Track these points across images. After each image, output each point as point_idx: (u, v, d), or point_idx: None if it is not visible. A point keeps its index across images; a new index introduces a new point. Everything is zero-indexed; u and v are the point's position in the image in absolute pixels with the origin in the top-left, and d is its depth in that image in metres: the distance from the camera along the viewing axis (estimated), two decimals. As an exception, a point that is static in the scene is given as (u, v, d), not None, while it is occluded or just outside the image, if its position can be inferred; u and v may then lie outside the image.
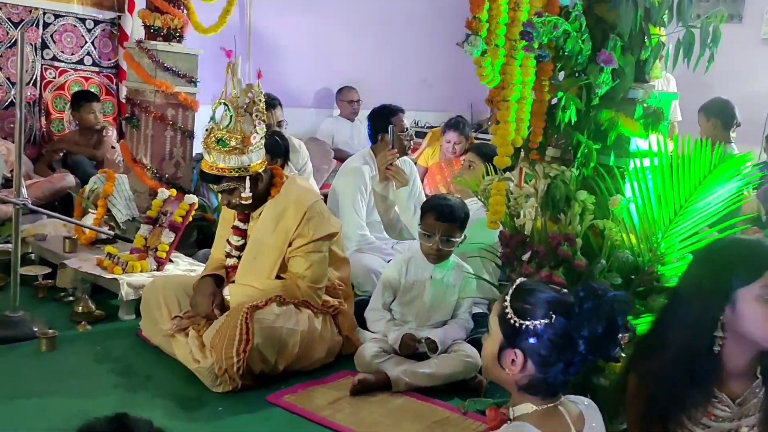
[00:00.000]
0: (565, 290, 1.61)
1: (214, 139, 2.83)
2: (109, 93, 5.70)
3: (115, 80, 5.71)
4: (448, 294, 3.08)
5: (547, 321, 1.54)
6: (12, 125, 5.30)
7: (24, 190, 3.03)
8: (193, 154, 4.56)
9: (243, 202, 2.90)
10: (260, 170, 2.91)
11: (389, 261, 4.07)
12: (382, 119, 4.12)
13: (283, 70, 6.74)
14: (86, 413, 2.36)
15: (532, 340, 1.55)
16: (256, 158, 2.90)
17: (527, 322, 1.55)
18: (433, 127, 7.14)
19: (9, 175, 5.02)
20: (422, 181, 5.78)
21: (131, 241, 3.21)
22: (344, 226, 4.19)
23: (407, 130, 4.16)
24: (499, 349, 1.60)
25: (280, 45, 6.73)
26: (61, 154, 5.41)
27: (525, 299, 1.58)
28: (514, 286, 1.63)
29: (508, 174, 2.52)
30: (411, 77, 7.64)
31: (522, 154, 2.52)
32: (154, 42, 4.26)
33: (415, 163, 5.89)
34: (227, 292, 2.95)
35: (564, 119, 2.38)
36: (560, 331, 1.53)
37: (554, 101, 2.46)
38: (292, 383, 2.84)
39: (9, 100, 5.27)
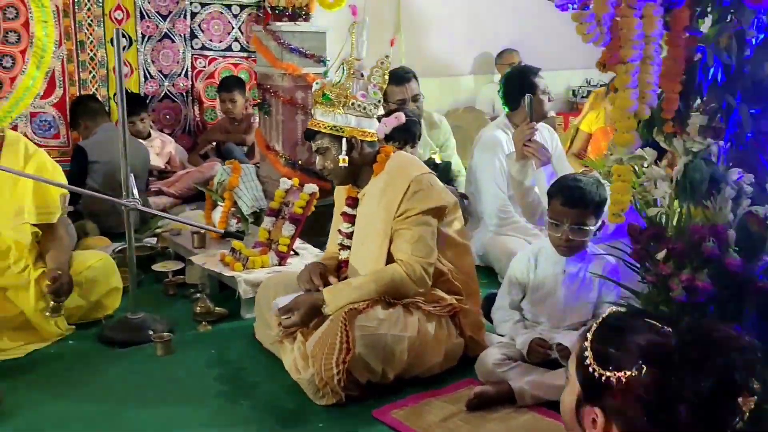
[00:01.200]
0: (669, 329, 1.18)
1: (320, 93, 2.67)
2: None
3: (263, 64, 5.69)
4: (585, 291, 2.62)
5: (634, 373, 1.12)
6: (168, 117, 5.45)
7: (134, 191, 2.96)
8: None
9: (339, 167, 2.66)
10: (359, 137, 2.65)
11: (534, 244, 3.68)
12: (517, 84, 3.69)
13: (436, 37, 6.43)
14: (183, 424, 2.31)
15: (616, 398, 1.14)
16: (356, 123, 2.66)
17: (609, 373, 1.14)
18: (603, 85, 6.50)
19: (165, 167, 5.16)
20: (585, 149, 5.24)
21: (241, 238, 3.08)
22: (483, 203, 3.85)
23: (547, 91, 3.71)
24: (578, 403, 1.21)
25: (433, 11, 6.39)
26: (214, 144, 5.49)
27: (610, 341, 1.18)
28: (599, 322, 1.22)
29: (638, 152, 2.03)
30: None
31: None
32: (279, 23, 4.10)
33: (577, 130, 5.36)
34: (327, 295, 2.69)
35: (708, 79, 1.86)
36: (652, 388, 1.11)
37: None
38: (405, 394, 2.55)
39: (163, 93, 5.40)
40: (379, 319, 2.51)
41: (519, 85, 3.67)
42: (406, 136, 3.46)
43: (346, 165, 2.65)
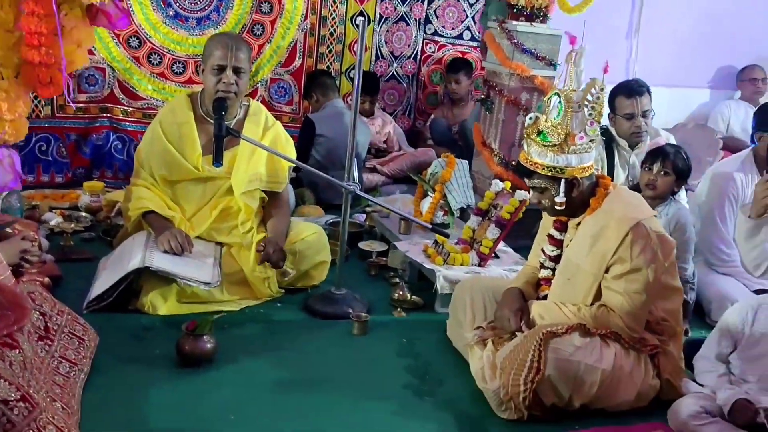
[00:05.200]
0: None
1: (536, 129, 2.58)
2: (484, 69, 5.70)
3: (491, 55, 5.69)
4: (806, 358, 2.41)
5: None
6: (392, 97, 5.63)
7: (355, 174, 3.10)
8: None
9: (556, 207, 2.60)
10: (579, 175, 2.57)
11: (755, 292, 3.41)
12: (763, 118, 3.39)
13: (674, 45, 6.08)
14: (364, 414, 2.43)
15: None
16: (576, 161, 2.55)
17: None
18: None
19: (383, 146, 5.36)
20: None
21: (447, 235, 3.13)
22: (702, 235, 3.60)
23: None
24: None
25: (673, 17, 6.03)
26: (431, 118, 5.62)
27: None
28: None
29: None
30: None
31: None
32: (516, 22, 4.07)
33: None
34: (534, 310, 2.69)
35: None
36: None
37: None
38: (588, 424, 2.51)
39: (390, 74, 5.57)
40: (575, 345, 2.46)
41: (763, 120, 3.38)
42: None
43: (563, 207, 2.59)
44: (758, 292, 3.36)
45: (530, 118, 2.63)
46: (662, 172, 3.25)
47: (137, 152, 3.34)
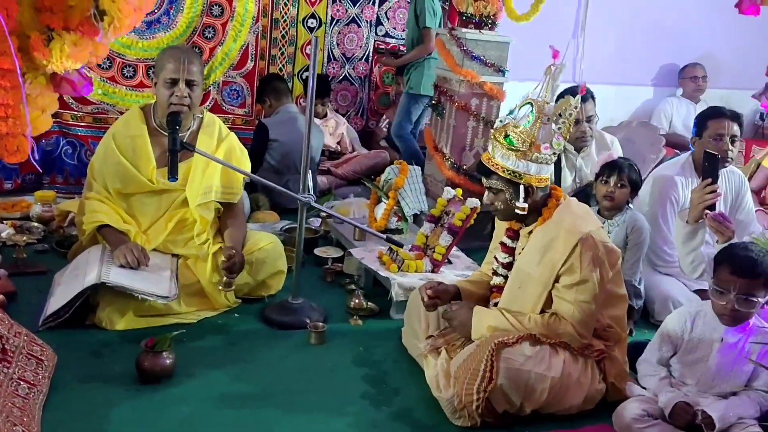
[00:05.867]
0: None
1: (503, 133, 2.66)
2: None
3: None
4: (741, 362, 2.55)
5: None
6: (344, 98, 5.68)
7: (310, 183, 3.15)
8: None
9: (517, 211, 2.69)
10: (536, 184, 2.67)
11: (695, 291, 3.57)
12: (701, 126, 3.54)
13: (618, 44, 6.23)
14: (322, 425, 2.49)
15: None
16: (536, 170, 2.65)
17: None
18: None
19: (335, 147, 5.40)
20: (765, 188, 4.96)
21: (401, 245, 3.21)
22: (645, 240, 3.74)
23: (736, 138, 3.51)
24: None
25: (618, 16, 6.18)
26: (385, 129, 5.67)
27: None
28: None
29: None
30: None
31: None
32: (465, 30, 4.15)
33: (759, 165, 5.08)
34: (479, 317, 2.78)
35: None
36: None
37: None
38: (538, 428, 2.62)
39: (342, 75, 5.62)
40: (525, 355, 2.56)
41: (701, 128, 3.52)
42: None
43: (525, 212, 2.67)
44: (697, 292, 3.53)
45: (500, 121, 2.71)
46: (619, 185, 3.40)
47: (90, 165, 3.33)
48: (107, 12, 1.45)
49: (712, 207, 3.03)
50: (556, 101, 3.96)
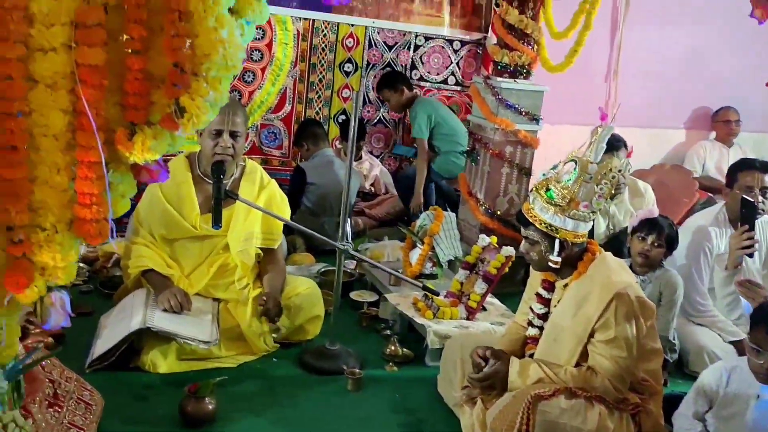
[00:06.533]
0: None
1: (545, 186, 2.71)
2: (469, 112, 5.87)
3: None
4: (777, 419, 2.56)
5: None
6: (378, 141, 5.78)
7: (348, 230, 3.23)
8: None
9: (550, 264, 2.74)
10: (571, 239, 2.71)
11: (730, 343, 3.58)
12: (732, 178, 3.56)
13: (651, 87, 6.27)
14: None
15: None
16: (572, 226, 2.69)
17: None
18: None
19: (370, 189, 5.49)
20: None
21: (437, 294, 3.27)
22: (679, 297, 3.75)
23: (767, 189, 3.52)
24: None
25: (650, 56, 6.23)
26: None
27: None
28: None
29: None
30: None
31: None
32: (500, 78, 4.24)
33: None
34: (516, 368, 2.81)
35: None
36: None
37: None
38: (574, 481, 2.64)
39: (378, 118, 5.73)
40: (561, 408, 2.58)
41: (733, 178, 3.56)
42: None
43: (558, 266, 2.72)
44: (732, 343, 3.53)
45: (543, 174, 2.77)
46: (656, 244, 3.42)
47: (135, 212, 3.44)
48: (187, 109, 1.54)
49: (750, 254, 3.08)
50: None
